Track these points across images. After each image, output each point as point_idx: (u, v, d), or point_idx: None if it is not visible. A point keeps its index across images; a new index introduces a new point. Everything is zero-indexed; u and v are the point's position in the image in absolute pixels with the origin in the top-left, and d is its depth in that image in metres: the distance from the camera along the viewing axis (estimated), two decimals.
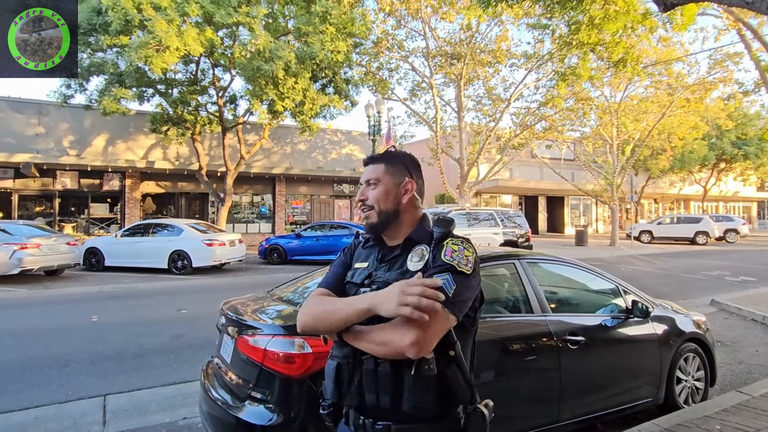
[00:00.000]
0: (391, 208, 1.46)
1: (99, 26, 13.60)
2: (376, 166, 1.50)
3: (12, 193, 17.78)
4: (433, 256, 1.35)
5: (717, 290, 10.09)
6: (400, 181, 1.49)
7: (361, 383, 1.34)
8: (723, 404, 3.66)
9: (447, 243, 1.36)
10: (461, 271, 1.30)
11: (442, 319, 1.24)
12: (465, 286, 1.31)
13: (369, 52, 19.36)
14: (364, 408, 1.34)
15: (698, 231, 24.57)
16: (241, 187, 21.15)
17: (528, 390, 2.95)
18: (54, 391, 4.30)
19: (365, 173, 1.52)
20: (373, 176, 1.49)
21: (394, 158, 1.52)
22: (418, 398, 1.28)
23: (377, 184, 1.48)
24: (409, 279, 1.27)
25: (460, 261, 1.32)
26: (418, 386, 1.27)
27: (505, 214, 15.60)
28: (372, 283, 1.41)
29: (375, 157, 1.52)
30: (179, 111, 16.31)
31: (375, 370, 1.31)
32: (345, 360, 1.37)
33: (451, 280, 1.27)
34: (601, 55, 12.50)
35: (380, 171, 1.49)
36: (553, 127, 22.44)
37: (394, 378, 1.29)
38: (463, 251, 1.34)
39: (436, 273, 1.30)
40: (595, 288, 3.86)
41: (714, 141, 32.32)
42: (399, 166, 1.50)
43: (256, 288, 4.52)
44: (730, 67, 20.95)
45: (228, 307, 3.04)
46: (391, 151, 1.54)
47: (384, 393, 1.30)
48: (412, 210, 1.49)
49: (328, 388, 1.42)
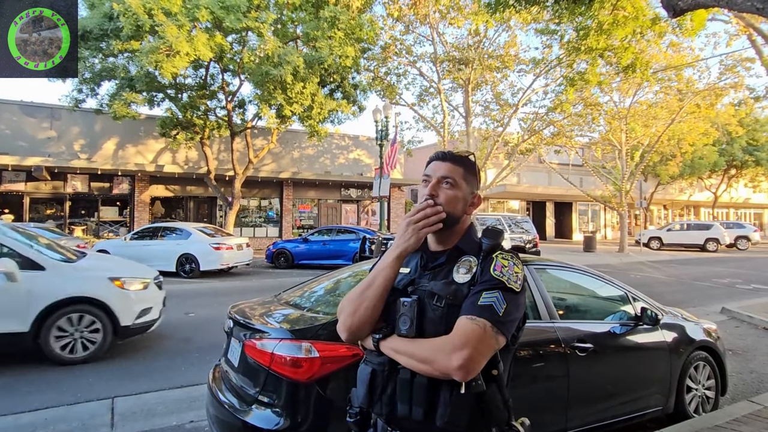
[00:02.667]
0: (457, 215, 1.38)
1: (110, 31, 13.78)
2: (455, 166, 1.39)
3: (24, 196, 18.01)
4: (481, 270, 1.28)
5: (728, 298, 9.96)
6: (472, 191, 1.42)
7: (394, 392, 1.28)
8: (734, 414, 3.60)
9: (497, 257, 1.30)
10: (511, 288, 1.24)
11: (491, 340, 1.19)
12: (515, 304, 1.24)
13: (377, 58, 19.44)
14: (395, 418, 1.29)
15: (708, 238, 24.31)
16: (249, 191, 21.27)
17: (535, 397, 2.92)
18: (63, 392, 4.33)
19: (440, 169, 1.39)
20: (451, 175, 1.37)
21: (473, 166, 1.42)
22: (453, 414, 1.21)
23: (454, 186, 1.37)
24: (403, 218, 1.34)
25: (510, 277, 1.25)
26: (454, 402, 1.21)
27: (513, 220, 15.57)
28: (415, 292, 1.33)
29: (457, 158, 1.41)
30: (188, 115, 16.46)
31: (411, 380, 1.25)
32: (380, 367, 1.32)
33: (501, 299, 1.21)
34: (610, 61, 12.45)
35: (459, 174, 1.38)
36: (561, 133, 22.37)
37: (431, 391, 1.23)
38: (513, 267, 1.28)
39: (485, 289, 1.23)
40: (604, 295, 3.83)
41: (724, 147, 32.00)
42: (474, 177, 1.43)
43: (264, 292, 4.53)
44: (741, 73, 20.77)
45: (235, 310, 3.06)
46: (468, 154, 1.44)
47: (418, 405, 1.24)
48: (466, 219, 1.43)
49: (360, 393, 1.36)
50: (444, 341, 1.20)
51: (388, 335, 1.31)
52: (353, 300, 1.35)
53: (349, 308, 1.35)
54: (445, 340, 1.20)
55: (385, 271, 1.31)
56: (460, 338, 1.18)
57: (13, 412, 3.88)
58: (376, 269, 1.35)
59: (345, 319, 1.36)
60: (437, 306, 1.28)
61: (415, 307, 1.28)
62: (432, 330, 1.26)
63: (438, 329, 1.24)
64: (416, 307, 1.28)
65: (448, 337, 1.20)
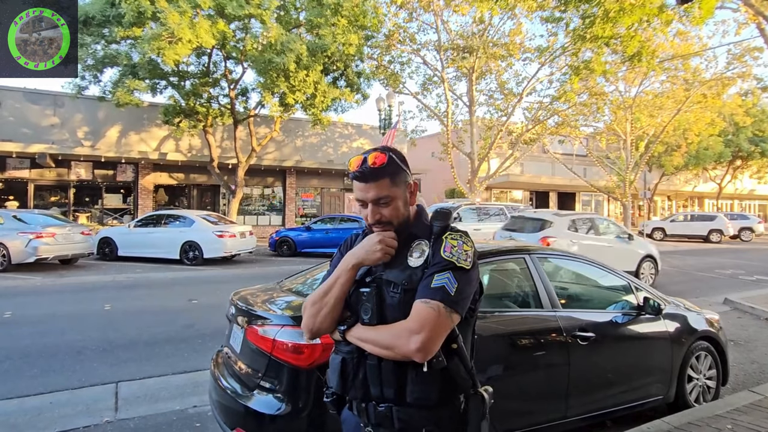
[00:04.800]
0: (406, 213, 1.42)
1: (112, 18, 13.69)
2: (380, 181, 1.35)
3: (28, 183, 18.07)
4: (432, 252, 1.34)
5: (731, 289, 9.94)
6: (405, 185, 1.42)
7: (365, 377, 1.35)
8: (735, 403, 3.61)
9: (446, 238, 1.35)
10: (461, 266, 1.30)
11: (445, 320, 1.25)
12: (466, 282, 1.30)
13: (380, 45, 19.28)
14: (368, 399, 1.36)
15: (712, 229, 24.21)
16: (252, 180, 21.27)
17: (536, 385, 2.93)
18: (68, 377, 4.38)
19: (371, 191, 1.36)
20: (383, 194, 1.36)
21: (392, 165, 1.37)
22: (422, 391, 1.29)
23: (390, 201, 1.37)
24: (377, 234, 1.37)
25: (460, 256, 1.31)
26: (421, 379, 1.29)
27: (516, 210, 15.50)
28: (373, 281, 1.38)
29: (377, 171, 1.35)
30: (191, 103, 16.41)
31: (378, 365, 1.32)
32: (350, 355, 1.38)
33: (452, 279, 1.27)
34: (616, 49, 12.32)
35: (387, 185, 1.36)
36: (565, 122, 22.22)
37: (398, 373, 1.30)
38: (462, 245, 1.33)
39: (437, 272, 1.29)
40: (606, 284, 3.82)
41: (730, 137, 31.75)
42: (400, 171, 1.39)
43: (266, 279, 4.55)
44: (749, 62, 20.54)
45: (238, 297, 3.07)
46: (385, 157, 1.36)
47: (388, 387, 1.31)
48: (412, 208, 1.47)
49: (333, 380, 1.43)
50: (402, 327, 1.26)
51: (353, 325, 1.36)
52: (314, 302, 1.41)
53: (310, 310, 1.41)
54: (403, 326, 1.26)
55: (341, 280, 1.38)
56: (416, 323, 1.24)
57: (19, 396, 3.93)
58: (334, 276, 1.40)
59: (307, 321, 1.42)
60: (394, 293, 1.33)
61: (374, 296, 1.34)
62: (392, 316, 1.31)
63: (397, 315, 1.30)
64: (375, 296, 1.34)
65: (405, 323, 1.26)
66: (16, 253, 10.67)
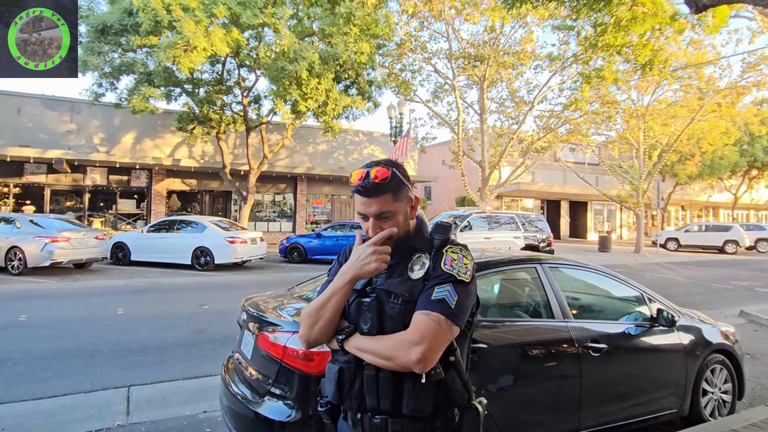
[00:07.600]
0: (407, 227, 1.44)
1: (130, 27, 13.97)
2: (382, 197, 1.36)
3: (44, 188, 18.39)
4: (433, 265, 1.36)
5: (747, 301, 9.77)
6: (407, 199, 1.42)
7: (362, 387, 1.35)
8: (751, 418, 3.54)
9: (447, 251, 1.37)
10: (461, 279, 1.32)
11: (445, 332, 1.26)
12: (466, 295, 1.32)
13: (392, 54, 19.38)
14: (364, 410, 1.36)
15: (727, 240, 23.82)
16: (264, 186, 21.42)
17: (547, 396, 2.90)
18: (81, 380, 4.43)
19: (373, 206, 1.37)
20: (385, 209, 1.37)
21: (395, 180, 1.37)
22: (418, 402, 1.30)
23: (392, 216, 1.38)
24: (366, 243, 1.37)
25: (460, 269, 1.33)
26: (417, 392, 1.29)
27: (527, 218, 15.41)
28: (373, 291, 1.38)
29: (379, 186, 1.35)
30: (205, 110, 16.62)
31: (376, 375, 1.32)
32: (347, 365, 1.38)
33: (452, 291, 1.29)
34: (628, 58, 12.24)
35: (389, 201, 1.37)
36: (577, 131, 22.08)
37: (395, 384, 1.31)
38: (462, 259, 1.35)
39: (437, 284, 1.30)
40: (619, 295, 3.78)
41: (745, 147, 31.31)
42: (402, 186, 1.39)
43: (277, 285, 4.57)
44: (764, 71, 20.26)
45: (249, 303, 3.09)
46: (388, 172, 1.36)
47: (385, 398, 1.32)
48: (413, 221, 1.47)
49: (329, 389, 1.43)
50: (402, 338, 1.27)
51: (351, 334, 1.36)
52: (310, 315, 1.40)
53: (307, 321, 1.41)
54: (404, 337, 1.27)
55: (337, 295, 1.37)
56: (416, 334, 1.25)
57: (33, 398, 3.98)
58: (330, 290, 1.39)
59: (303, 332, 1.43)
60: (395, 303, 1.34)
61: (374, 306, 1.35)
62: (392, 326, 1.32)
63: (397, 325, 1.31)
64: (375, 306, 1.35)
65: (406, 333, 1.27)
66: (32, 256, 10.85)
